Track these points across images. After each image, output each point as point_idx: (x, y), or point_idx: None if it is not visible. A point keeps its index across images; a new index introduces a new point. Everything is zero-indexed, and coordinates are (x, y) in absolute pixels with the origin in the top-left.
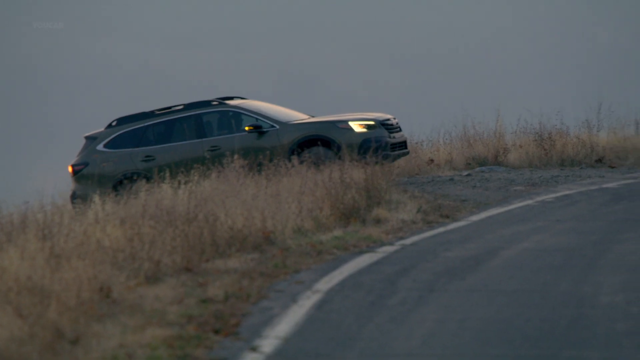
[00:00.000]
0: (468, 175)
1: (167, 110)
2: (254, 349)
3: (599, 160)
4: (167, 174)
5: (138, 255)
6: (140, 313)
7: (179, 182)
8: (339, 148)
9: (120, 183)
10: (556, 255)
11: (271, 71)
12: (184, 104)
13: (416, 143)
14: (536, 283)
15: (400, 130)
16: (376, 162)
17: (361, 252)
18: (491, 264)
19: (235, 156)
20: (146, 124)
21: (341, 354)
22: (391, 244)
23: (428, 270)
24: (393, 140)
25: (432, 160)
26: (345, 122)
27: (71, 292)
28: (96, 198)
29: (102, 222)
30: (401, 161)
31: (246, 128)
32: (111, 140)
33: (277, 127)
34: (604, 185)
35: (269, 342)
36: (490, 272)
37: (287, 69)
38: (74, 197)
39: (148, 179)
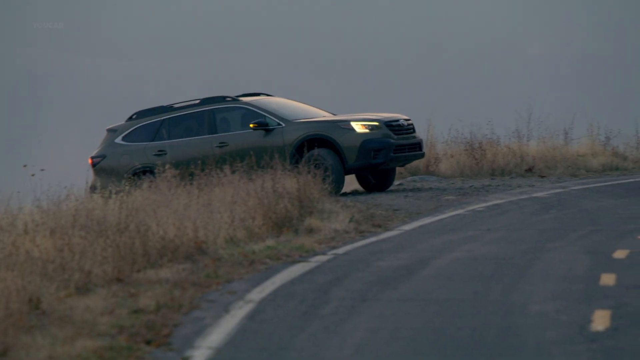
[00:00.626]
0: (400, 184)
1: (184, 105)
2: None
3: (529, 170)
4: (175, 171)
5: (68, 265)
6: (70, 324)
7: (189, 176)
8: (341, 149)
9: (133, 177)
10: (487, 264)
11: (205, 75)
12: (199, 99)
13: None
14: (467, 292)
15: (413, 131)
16: (378, 165)
17: (294, 262)
18: (423, 273)
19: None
20: (162, 118)
21: None
22: (324, 253)
23: (360, 280)
24: (399, 142)
25: None
26: (348, 122)
27: None
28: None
29: (32, 233)
30: None
31: (250, 125)
32: (129, 133)
33: (283, 125)
34: (534, 195)
35: (200, 353)
36: (422, 282)
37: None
38: (93, 189)
39: (154, 173)
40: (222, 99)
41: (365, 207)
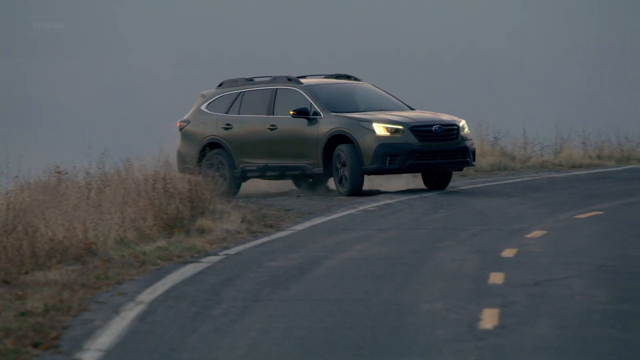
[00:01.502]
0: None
1: (260, 80)
2: None
3: None
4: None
5: None
6: None
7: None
8: (359, 149)
9: (204, 149)
10: (378, 264)
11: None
12: (273, 76)
13: None
14: (358, 292)
15: (454, 137)
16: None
17: (185, 263)
18: (315, 273)
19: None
20: (239, 90)
21: None
22: (215, 254)
23: (252, 280)
24: (424, 148)
25: None
26: (371, 122)
27: None
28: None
29: None
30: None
31: (290, 112)
32: (212, 101)
33: (321, 116)
34: (424, 195)
35: (90, 355)
36: (314, 282)
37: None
38: (179, 156)
39: (223, 148)
40: (286, 78)
41: (257, 207)
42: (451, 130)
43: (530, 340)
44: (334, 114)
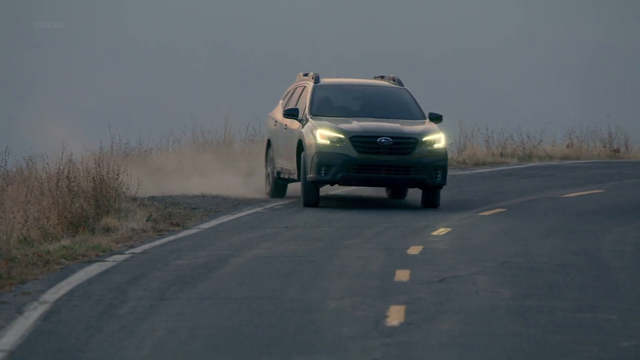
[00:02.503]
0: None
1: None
2: None
3: None
4: None
5: None
6: None
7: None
8: (305, 158)
9: (267, 146)
10: (285, 262)
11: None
12: (305, 72)
13: (145, 151)
14: (266, 290)
15: (407, 152)
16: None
17: (90, 262)
18: (222, 271)
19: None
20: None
21: None
22: (121, 252)
23: (159, 279)
24: (365, 161)
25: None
26: (317, 128)
27: None
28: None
29: None
30: (136, 170)
31: (282, 111)
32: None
33: (303, 120)
34: (331, 191)
35: None
36: (221, 280)
37: None
38: None
39: None
40: (304, 74)
41: (163, 205)
42: (404, 143)
43: (436, 337)
44: (313, 117)
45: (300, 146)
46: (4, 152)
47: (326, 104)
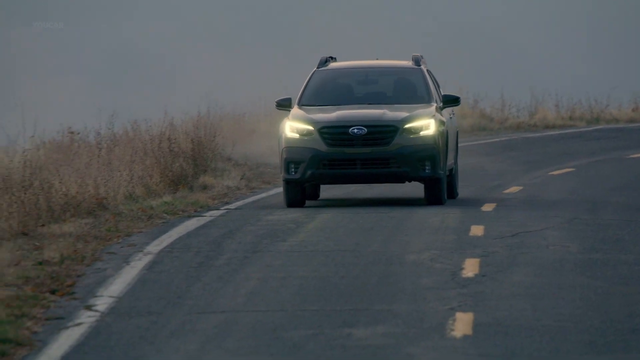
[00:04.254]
0: None
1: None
2: (88, 308)
3: None
4: None
5: None
6: None
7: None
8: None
9: None
10: (368, 218)
11: None
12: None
13: (238, 115)
14: (350, 244)
15: (386, 142)
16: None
17: (189, 217)
18: (309, 226)
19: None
20: None
21: (171, 312)
22: (217, 208)
23: (252, 233)
24: (337, 155)
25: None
26: (289, 120)
27: None
28: None
29: None
30: (231, 133)
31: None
32: None
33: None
34: None
35: (103, 301)
36: (309, 234)
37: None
38: None
39: None
40: (321, 60)
41: (255, 165)
42: (381, 132)
43: (508, 287)
44: (300, 107)
45: None
46: (111, 115)
47: (320, 92)
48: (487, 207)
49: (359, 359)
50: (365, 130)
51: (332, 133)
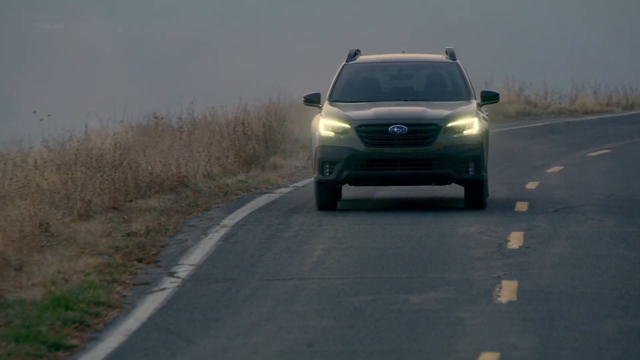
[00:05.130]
0: None
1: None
2: (171, 274)
3: None
4: None
5: (72, 196)
6: (74, 245)
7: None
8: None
9: None
10: (420, 194)
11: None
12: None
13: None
14: (405, 218)
15: (428, 142)
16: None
17: (261, 193)
18: (370, 202)
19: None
20: None
21: (244, 278)
22: (286, 186)
23: (316, 208)
24: (375, 155)
25: None
26: (323, 117)
27: (15, 227)
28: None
29: (41, 168)
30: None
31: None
32: None
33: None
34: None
35: (184, 269)
36: (369, 209)
37: None
38: None
39: None
40: (350, 53)
41: None
42: (423, 132)
43: (549, 258)
44: (331, 103)
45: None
46: (191, 102)
47: (352, 87)
48: (531, 185)
49: (413, 322)
50: (406, 129)
51: (371, 132)
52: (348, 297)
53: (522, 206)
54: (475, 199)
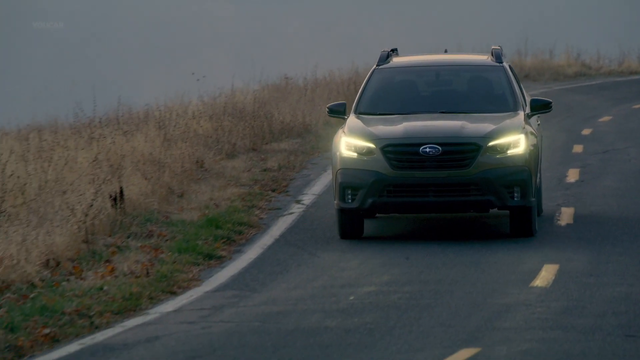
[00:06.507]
0: None
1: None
2: (298, 202)
3: (526, 76)
4: None
5: (221, 139)
6: (223, 178)
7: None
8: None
9: None
10: None
11: None
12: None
13: None
14: None
15: (466, 164)
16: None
17: None
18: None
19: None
20: None
21: None
22: None
23: None
24: (403, 180)
25: None
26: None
27: (177, 164)
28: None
29: (197, 118)
30: None
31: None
32: None
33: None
34: (529, 92)
35: (308, 197)
36: None
37: None
38: None
39: None
40: (385, 54)
41: None
42: (460, 152)
43: (600, 190)
44: (358, 116)
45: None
46: (314, 66)
47: (382, 96)
48: (586, 132)
49: (489, 240)
50: (440, 149)
51: (399, 152)
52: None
53: (578, 148)
54: (522, 227)
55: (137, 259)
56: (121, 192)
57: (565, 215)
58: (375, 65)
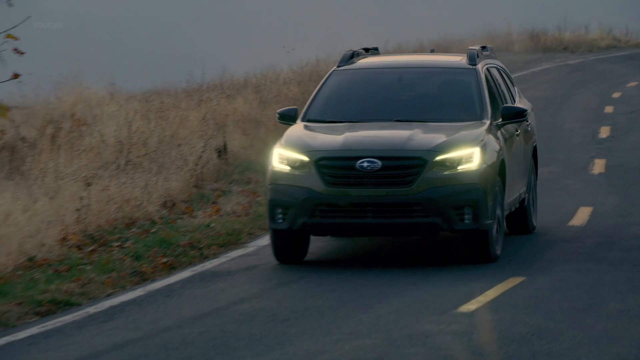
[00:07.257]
0: None
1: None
2: None
3: (565, 48)
4: None
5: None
6: None
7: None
8: None
9: None
10: (540, 101)
11: None
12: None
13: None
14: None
15: (408, 181)
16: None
17: None
18: None
19: None
20: None
21: None
22: None
23: None
24: (336, 199)
25: None
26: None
27: (272, 122)
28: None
29: (287, 84)
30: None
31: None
32: None
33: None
34: (567, 62)
35: None
36: None
37: None
38: None
39: None
40: (350, 53)
41: None
42: (402, 167)
43: (629, 144)
44: (303, 123)
45: None
46: (385, 41)
47: (334, 102)
48: (615, 95)
49: (538, 189)
50: (380, 163)
51: (334, 167)
52: None
53: (609, 109)
54: (478, 251)
55: (238, 201)
56: (225, 145)
57: (598, 166)
58: (334, 67)
